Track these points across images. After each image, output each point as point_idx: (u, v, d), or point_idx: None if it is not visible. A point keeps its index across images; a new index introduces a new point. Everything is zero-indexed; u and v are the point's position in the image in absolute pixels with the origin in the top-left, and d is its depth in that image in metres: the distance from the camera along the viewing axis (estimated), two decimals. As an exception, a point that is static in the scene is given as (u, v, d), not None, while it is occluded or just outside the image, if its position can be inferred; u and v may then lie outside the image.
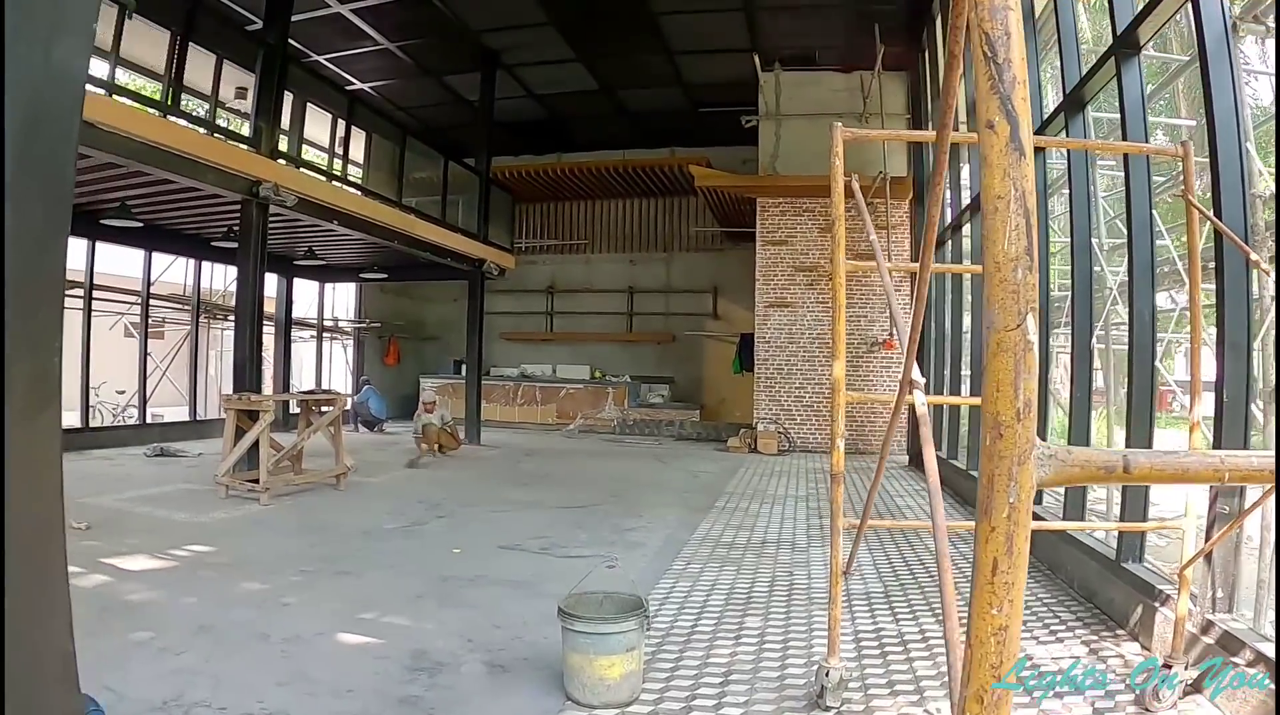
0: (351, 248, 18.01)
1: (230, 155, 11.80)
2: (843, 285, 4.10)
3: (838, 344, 4.14)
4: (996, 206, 1.09)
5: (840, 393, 4.17)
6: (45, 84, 1.35)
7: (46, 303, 1.42)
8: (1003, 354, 1.11)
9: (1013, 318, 1.11)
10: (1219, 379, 5.22)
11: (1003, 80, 1.05)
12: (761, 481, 14.04)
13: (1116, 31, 6.94)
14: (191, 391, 18.76)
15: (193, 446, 15.79)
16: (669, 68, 19.43)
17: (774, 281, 19.41)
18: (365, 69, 19.89)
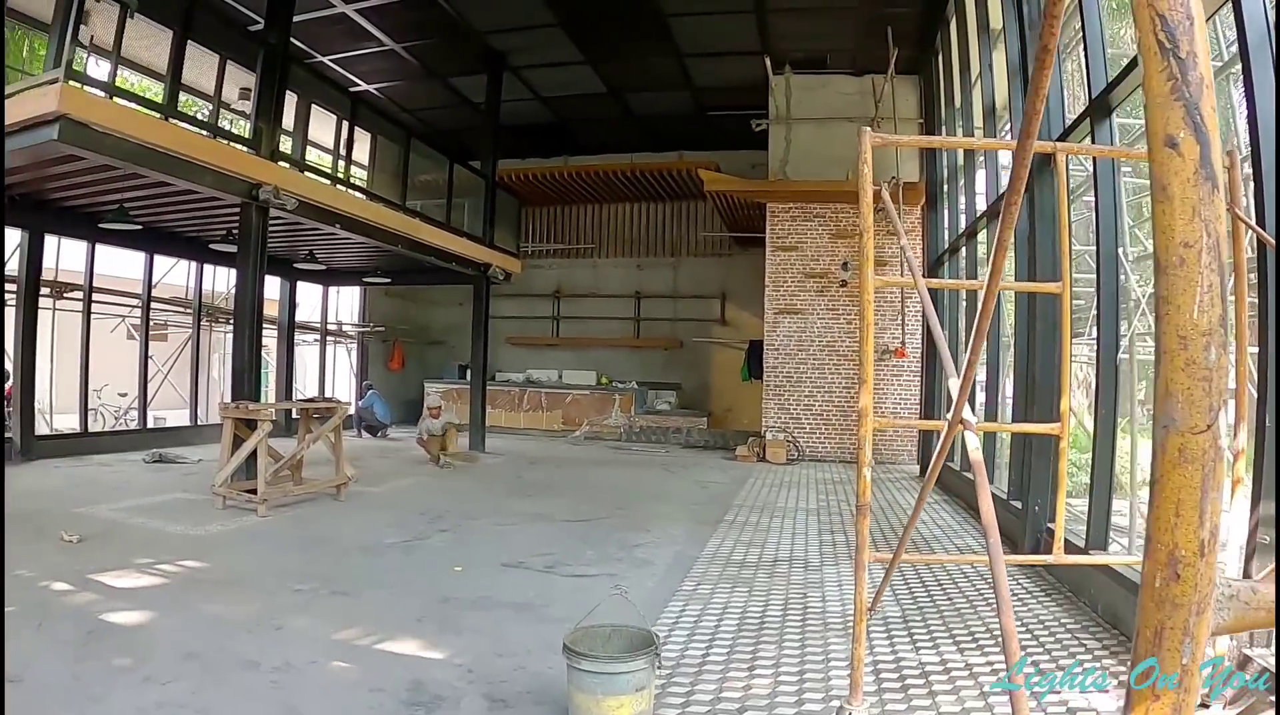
0: (354, 251, 17.76)
1: (229, 157, 11.56)
2: (870, 303, 3.81)
3: (865, 366, 3.86)
4: (1183, 257, 0.77)
5: (868, 419, 3.89)
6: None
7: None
8: (1187, 466, 0.77)
9: (1202, 416, 0.77)
10: (1261, 396, 4.95)
11: (1187, 82, 0.74)
12: (771, 493, 13.76)
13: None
14: (193, 395, 18.53)
15: (193, 452, 15.53)
16: (678, 70, 19.20)
17: (783, 288, 19.14)
18: (370, 70, 19.67)
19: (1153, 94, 0.77)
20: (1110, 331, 7.50)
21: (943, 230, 16.71)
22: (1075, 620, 6.72)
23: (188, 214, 14.18)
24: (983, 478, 2.76)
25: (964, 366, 2.55)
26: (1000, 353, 12.04)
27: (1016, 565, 8.33)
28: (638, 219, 26.20)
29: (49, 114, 9.06)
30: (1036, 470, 8.73)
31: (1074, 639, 6.22)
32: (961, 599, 7.38)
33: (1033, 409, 8.86)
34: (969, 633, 6.37)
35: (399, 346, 25.87)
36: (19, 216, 13.43)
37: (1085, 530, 7.56)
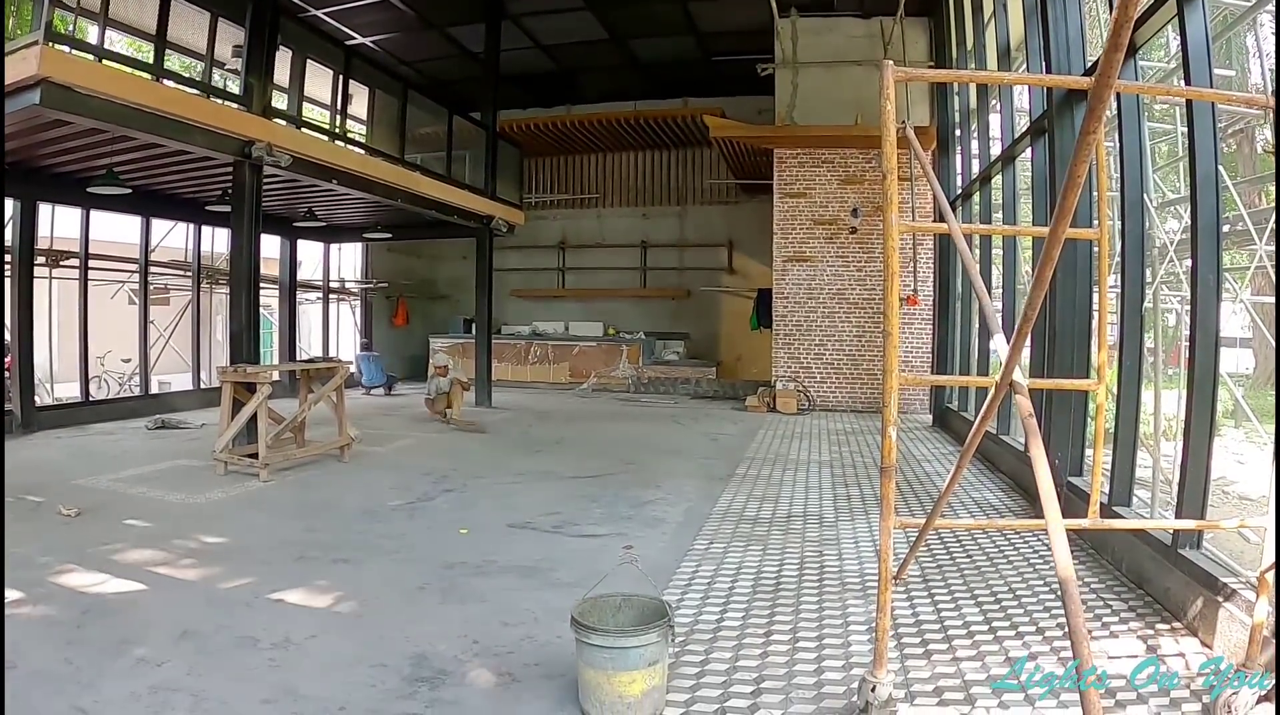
0: (354, 207, 17.48)
1: (219, 115, 11.24)
2: (895, 251, 3.54)
3: (890, 319, 3.60)
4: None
5: (893, 375, 3.63)
6: None
7: None
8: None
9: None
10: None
11: None
12: (782, 445, 13.56)
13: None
14: (195, 359, 18.35)
15: (196, 417, 15.36)
16: (681, 15, 18.83)
17: (792, 235, 18.83)
18: (365, 22, 19.32)
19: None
20: (1135, 281, 7.17)
21: (955, 175, 16.40)
22: (1099, 579, 6.49)
23: (182, 175, 13.91)
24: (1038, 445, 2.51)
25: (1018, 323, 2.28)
26: (1016, 301, 11.74)
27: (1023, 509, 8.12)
28: (643, 168, 25.86)
29: (30, 78, 8.77)
30: (1058, 422, 8.47)
31: (1099, 599, 6.00)
32: (981, 556, 7.17)
33: (1053, 361, 8.59)
34: (990, 592, 6.16)
35: (403, 302, 25.67)
36: (10, 185, 13.16)
37: (1109, 487, 7.27)
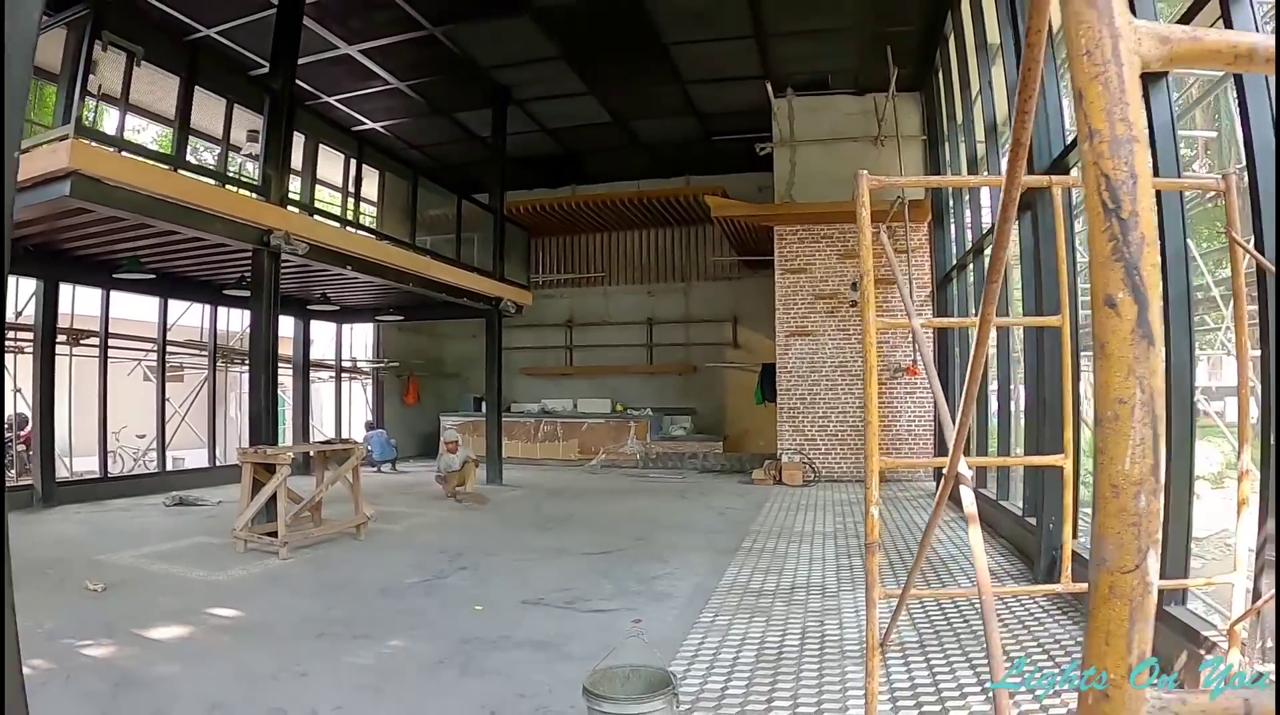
0: (366, 290, 17.90)
1: (239, 205, 11.69)
2: (873, 346, 3.87)
3: (870, 407, 3.92)
4: (1117, 413, 0.83)
5: (874, 459, 3.95)
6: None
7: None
8: (1116, 601, 0.86)
9: (1131, 557, 0.85)
10: (1264, 414, 5.00)
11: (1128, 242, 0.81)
12: (788, 517, 13.79)
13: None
14: (210, 437, 18.69)
15: (212, 494, 15.65)
16: (681, 97, 19.34)
17: (794, 310, 19.21)
18: (376, 109, 19.85)
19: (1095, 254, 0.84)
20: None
21: (950, 246, 16.80)
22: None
23: (199, 260, 14.35)
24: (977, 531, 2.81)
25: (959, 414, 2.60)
26: (1011, 368, 12.06)
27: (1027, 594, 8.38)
28: (647, 245, 26.33)
29: (61, 170, 9.21)
30: (1050, 488, 8.77)
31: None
32: (976, 620, 7.41)
33: (1044, 431, 8.90)
34: (984, 654, 6.40)
35: (414, 381, 26.01)
36: (34, 266, 13.62)
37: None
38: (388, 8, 14.83)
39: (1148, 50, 0.81)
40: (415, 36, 16.00)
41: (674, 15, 15.36)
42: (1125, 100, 0.79)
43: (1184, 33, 0.83)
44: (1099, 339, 0.84)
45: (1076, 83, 0.81)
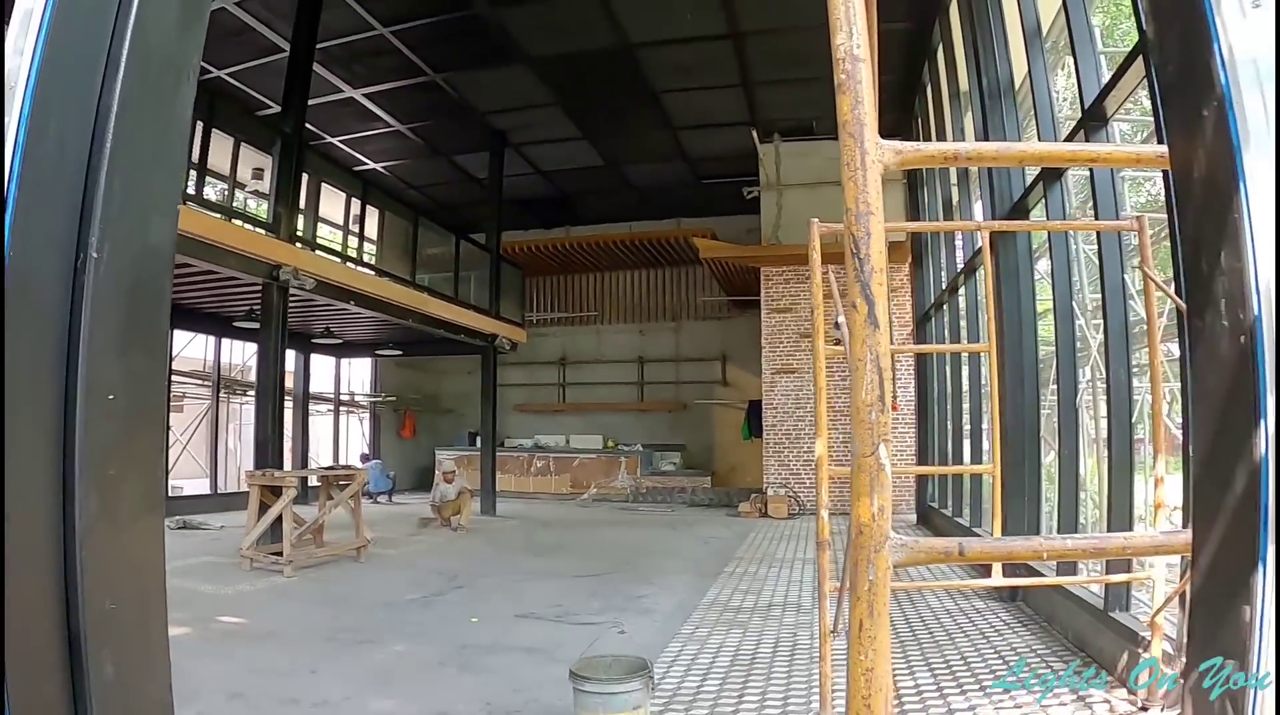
0: (367, 325, 18.46)
1: (250, 241, 12.23)
2: (823, 369, 4.48)
3: (820, 422, 4.51)
4: (857, 366, 1.45)
5: (823, 467, 4.54)
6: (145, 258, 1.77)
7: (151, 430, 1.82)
8: (861, 474, 1.47)
9: (869, 447, 1.46)
10: (1184, 436, 5.58)
11: (863, 270, 1.42)
12: (771, 546, 14.30)
13: (1084, 104, 7.39)
14: (212, 465, 19.13)
15: (214, 520, 16.10)
16: (672, 142, 20.03)
17: (779, 348, 19.78)
18: (377, 150, 20.55)
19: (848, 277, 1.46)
20: (1069, 378, 8.19)
21: (929, 286, 17.40)
22: (1046, 646, 7.28)
23: (209, 291, 14.86)
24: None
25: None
26: (983, 400, 12.67)
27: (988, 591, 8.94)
28: (639, 285, 26.94)
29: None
30: (1013, 505, 9.34)
31: (1042, 662, 6.79)
32: (942, 632, 7.95)
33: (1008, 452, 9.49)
34: (944, 661, 6.94)
35: (410, 415, 26.49)
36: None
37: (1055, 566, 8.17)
38: (391, 54, 15.51)
39: (888, 159, 1.43)
40: (417, 82, 16.68)
41: (665, 65, 16.06)
42: (867, 191, 1.41)
43: (912, 147, 1.44)
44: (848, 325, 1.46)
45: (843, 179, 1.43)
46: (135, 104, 1.67)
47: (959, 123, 13.62)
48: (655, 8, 14.12)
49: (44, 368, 1.60)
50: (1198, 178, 0.96)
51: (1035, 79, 9.16)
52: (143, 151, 1.71)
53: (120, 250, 1.66)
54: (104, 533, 1.72)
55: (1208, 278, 0.89)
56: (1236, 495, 0.74)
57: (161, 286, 1.80)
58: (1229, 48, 0.91)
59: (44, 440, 1.60)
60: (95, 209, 1.60)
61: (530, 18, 14.56)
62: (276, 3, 13.72)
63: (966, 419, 13.47)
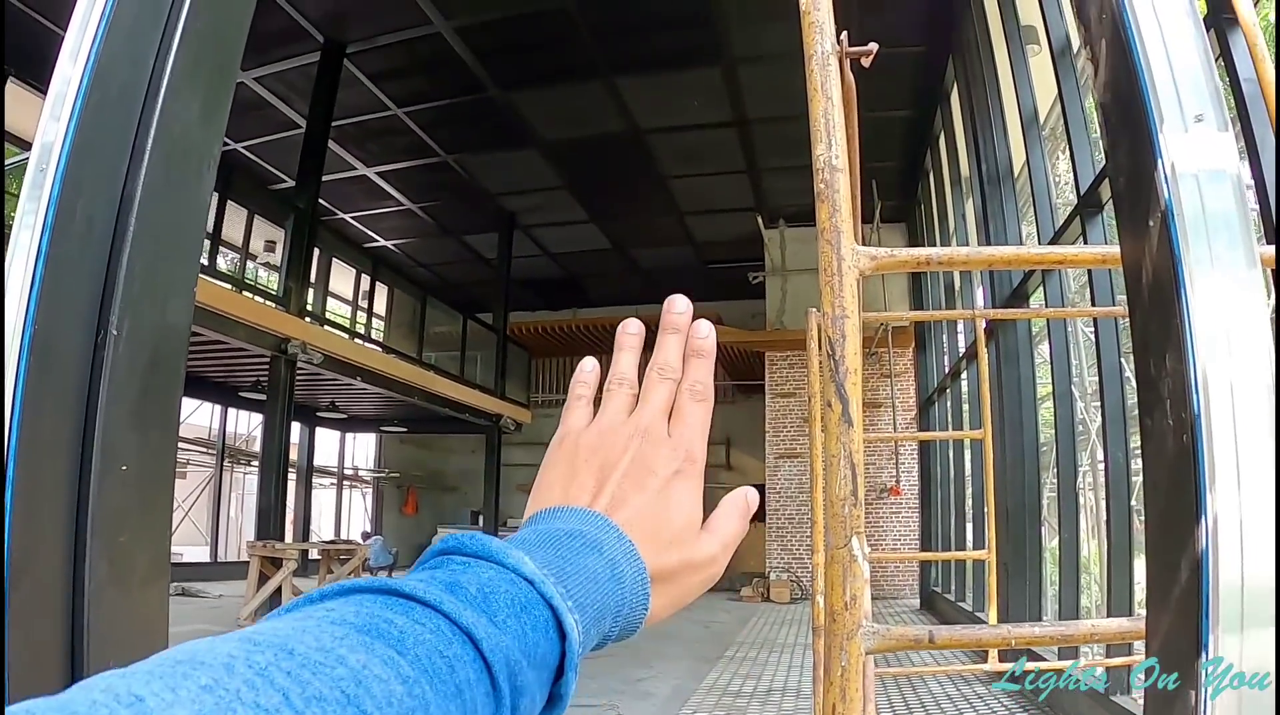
0: (373, 401, 18.54)
1: (260, 313, 12.34)
2: (819, 456, 4.53)
3: (815, 510, 4.55)
4: (831, 462, 1.51)
5: (820, 553, 4.57)
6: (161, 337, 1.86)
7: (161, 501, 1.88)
8: (834, 565, 1.52)
9: (842, 539, 1.52)
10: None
11: (839, 371, 1.48)
12: (772, 630, 14.21)
13: (1080, 191, 7.53)
14: (213, 533, 19.12)
15: (213, 587, 16.01)
16: (679, 227, 20.33)
17: (783, 433, 19.79)
18: (388, 227, 20.78)
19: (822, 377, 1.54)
20: (1068, 460, 8.24)
21: (932, 372, 17.47)
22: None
23: (217, 361, 14.93)
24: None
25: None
26: (985, 484, 12.70)
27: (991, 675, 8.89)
28: (644, 369, 26.90)
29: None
30: (1015, 590, 9.32)
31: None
32: (938, 707, 7.92)
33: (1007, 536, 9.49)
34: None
35: (413, 492, 26.43)
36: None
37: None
38: (405, 134, 15.80)
39: (864, 264, 1.51)
40: (429, 162, 16.95)
41: (672, 151, 16.32)
42: (843, 295, 1.49)
43: (886, 253, 1.52)
44: (823, 422, 1.53)
45: (820, 283, 1.52)
46: (158, 191, 1.77)
47: (960, 208, 13.81)
48: (664, 95, 14.39)
49: (62, 437, 1.67)
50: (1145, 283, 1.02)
51: (1033, 166, 9.36)
52: (163, 236, 1.81)
53: (139, 329, 1.74)
54: (112, 596, 1.78)
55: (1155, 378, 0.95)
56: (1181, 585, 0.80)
57: (177, 365, 1.88)
58: (1171, 163, 0.98)
59: (59, 506, 1.67)
60: (117, 288, 1.69)
61: (542, 102, 14.85)
62: (295, 80, 14.04)
63: (969, 501, 13.49)
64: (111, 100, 1.77)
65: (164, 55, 1.83)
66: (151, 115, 1.78)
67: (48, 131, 1.71)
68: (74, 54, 1.73)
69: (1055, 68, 8.32)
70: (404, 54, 13.60)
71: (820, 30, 1.66)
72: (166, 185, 1.80)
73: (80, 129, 1.72)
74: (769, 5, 12.05)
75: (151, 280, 1.79)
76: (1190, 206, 1.03)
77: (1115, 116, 1.27)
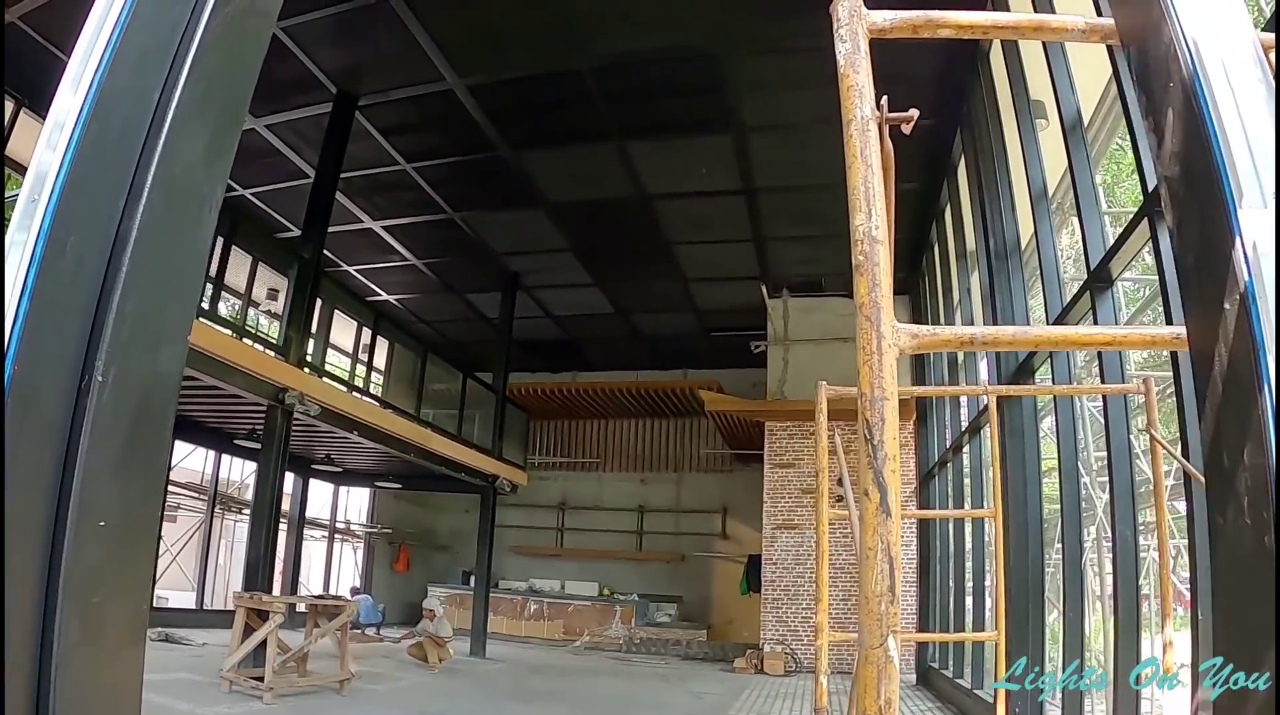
0: (368, 456, 18.41)
1: (259, 361, 12.26)
2: (825, 533, 4.43)
3: (821, 589, 4.45)
4: (867, 555, 1.42)
5: (823, 635, 4.46)
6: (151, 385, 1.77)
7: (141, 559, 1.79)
8: (869, 666, 1.42)
9: (877, 639, 1.42)
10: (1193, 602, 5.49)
11: (877, 457, 1.39)
12: (766, 703, 13.97)
13: (1090, 266, 7.48)
14: (200, 580, 18.93)
15: (198, 635, 15.77)
16: (682, 294, 20.33)
17: (781, 504, 19.63)
18: (392, 282, 20.81)
19: (860, 464, 1.44)
20: (1074, 536, 8.12)
21: (933, 444, 17.37)
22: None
23: (212, 407, 14.88)
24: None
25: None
26: (985, 560, 12.55)
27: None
28: (642, 435, 26.97)
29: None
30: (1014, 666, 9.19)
31: None
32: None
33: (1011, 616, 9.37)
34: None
35: (405, 549, 26.21)
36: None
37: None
38: (413, 189, 15.87)
39: (904, 343, 1.42)
40: (435, 218, 17.02)
41: (679, 217, 16.40)
42: (882, 375, 1.40)
43: (928, 331, 1.44)
44: (860, 514, 1.43)
45: (859, 362, 1.42)
46: (155, 231, 1.69)
47: (965, 282, 13.80)
48: (673, 161, 14.48)
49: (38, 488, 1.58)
50: (1218, 371, 0.94)
51: (1041, 241, 9.33)
52: (159, 279, 1.73)
53: (127, 376, 1.65)
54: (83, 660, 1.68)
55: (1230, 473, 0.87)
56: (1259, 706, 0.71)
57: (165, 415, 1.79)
58: (1252, 241, 0.90)
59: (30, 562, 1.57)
60: (106, 332, 1.60)
61: (551, 164, 14.94)
62: (305, 129, 14.12)
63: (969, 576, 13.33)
64: (112, 133, 1.69)
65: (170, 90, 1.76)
66: (153, 152, 1.70)
67: (43, 161, 1.63)
68: (75, 82, 1.66)
69: (1066, 141, 8.31)
70: (415, 109, 13.69)
71: (859, 94, 1.59)
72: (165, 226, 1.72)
73: (77, 161, 1.64)
74: (781, 75, 12.16)
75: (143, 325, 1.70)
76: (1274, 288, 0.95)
77: (1184, 190, 1.20)
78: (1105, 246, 7.38)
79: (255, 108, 13.60)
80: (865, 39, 1.54)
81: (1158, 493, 4.88)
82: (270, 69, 12.80)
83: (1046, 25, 1.64)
